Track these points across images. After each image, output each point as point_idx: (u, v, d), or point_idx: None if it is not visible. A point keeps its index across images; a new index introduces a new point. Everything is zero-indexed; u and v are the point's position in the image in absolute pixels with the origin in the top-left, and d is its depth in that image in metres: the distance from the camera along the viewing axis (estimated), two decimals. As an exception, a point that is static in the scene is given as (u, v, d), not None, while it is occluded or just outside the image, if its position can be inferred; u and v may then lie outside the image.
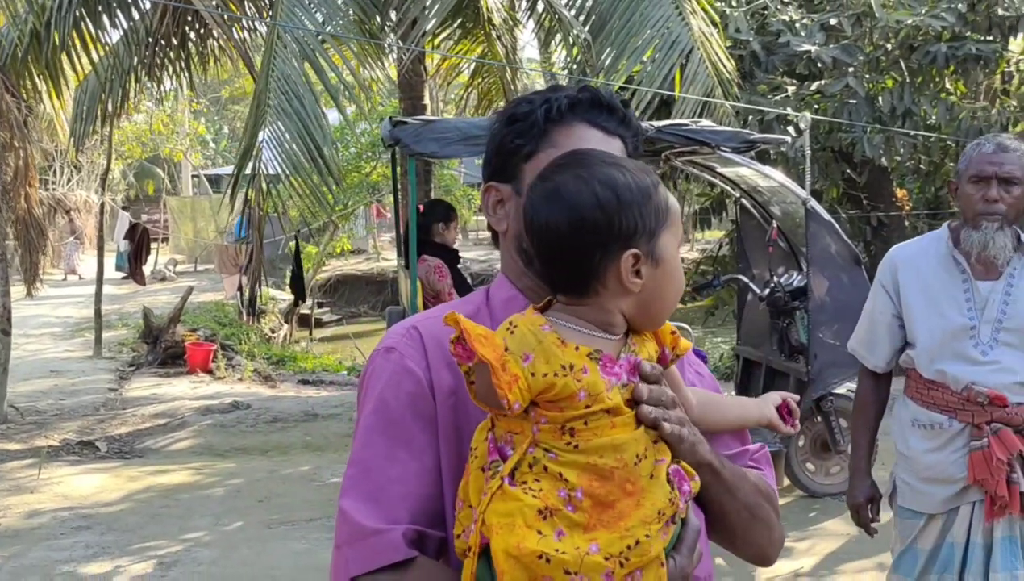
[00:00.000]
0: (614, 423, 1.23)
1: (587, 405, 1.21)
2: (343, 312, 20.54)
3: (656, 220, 1.29)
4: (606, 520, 1.20)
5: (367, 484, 1.35)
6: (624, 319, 1.30)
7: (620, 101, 1.48)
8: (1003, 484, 2.81)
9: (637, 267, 1.27)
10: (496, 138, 1.48)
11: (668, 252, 1.30)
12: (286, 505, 6.49)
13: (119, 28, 9.57)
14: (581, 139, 1.42)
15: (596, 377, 1.23)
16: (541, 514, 1.18)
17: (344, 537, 1.34)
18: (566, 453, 1.21)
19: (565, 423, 1.21)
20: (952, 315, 2.92)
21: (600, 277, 1.27)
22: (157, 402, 10.05)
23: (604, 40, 8.12)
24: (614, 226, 1.26)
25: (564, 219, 1.27)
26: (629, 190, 1.27)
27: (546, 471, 1.21)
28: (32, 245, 10.63)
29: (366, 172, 16.95)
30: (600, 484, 1.20)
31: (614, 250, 1.26)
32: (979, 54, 9.47)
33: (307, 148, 6.93)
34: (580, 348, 1.24)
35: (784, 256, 7.03)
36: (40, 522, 6.27)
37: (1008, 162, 2.87)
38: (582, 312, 1.29)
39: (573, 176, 1.29)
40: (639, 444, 1.24)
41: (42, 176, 22.09)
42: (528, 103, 1.46)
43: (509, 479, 1.21)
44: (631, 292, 1.28)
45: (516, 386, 1.19)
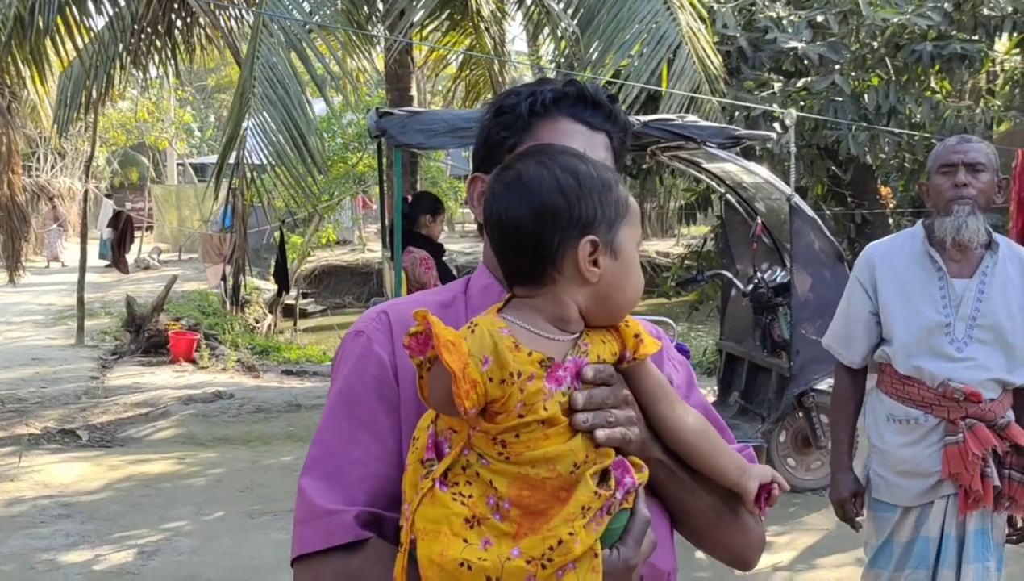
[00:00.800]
0: (548, 434, 1.20)
1: (520, 415, 1.19)
2: (328, 303, 20.49)
3: (616, 212, 1.28)
4: (537, 527, 1.18)
5: (327, 464, 1.36)
6: (580, 314, 1.28)
7: (607, 96, 1.48)
8: (977, 478, 2.86)
9: (595, 256, 1.26)
10: (484, 129, 1.48)
11: (627, 246, 1.29)
12: (268, 495, 6.48)
13: (104, 14, 9.52)
14: (565, 134, 1.42)
15: (538, 386, 1.20)
16: (468, 523, 1.17)
17: (299, 515, 1.35)
18: (497, 462, 1.19)
19: (497, 435, 1.19)
20: (928, 312, 2.97)
21: (557, 263, 1.26)
22: (139, 391, 10.01)
23: (592, 34, 8.11)
24: (574, 211, 1.25)
25: (525, 204, 1.26)
26: (590, 178, 1.27)
27: (478, 476, 1.20)
28: (14, 232, 10.57)
29: (352, 163, 16.91)
30: (531, 493, 1.18)
31: (572, 236, 1.25)
32: (964, 53, 9.51)
33: (292, 137, 6.91)
34: (533, 354, 1.22)
35: (768, 252, 7.06)
36: (20, 510, 6.24)
37: (972, 150, 2.97)
38: (538, 305, 1.28)
39: (535, 162, 1.29)
40: (577, 453, 1.21)
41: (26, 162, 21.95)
42: (515, 95, 1.46)
43: (441, 481, 1.20)
44: (588, 281, 1.26)
45: (473, 392, 1.18)
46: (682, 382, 1.55)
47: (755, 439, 6.44)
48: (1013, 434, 2.93)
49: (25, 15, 8.55)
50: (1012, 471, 2.92)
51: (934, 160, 3.05)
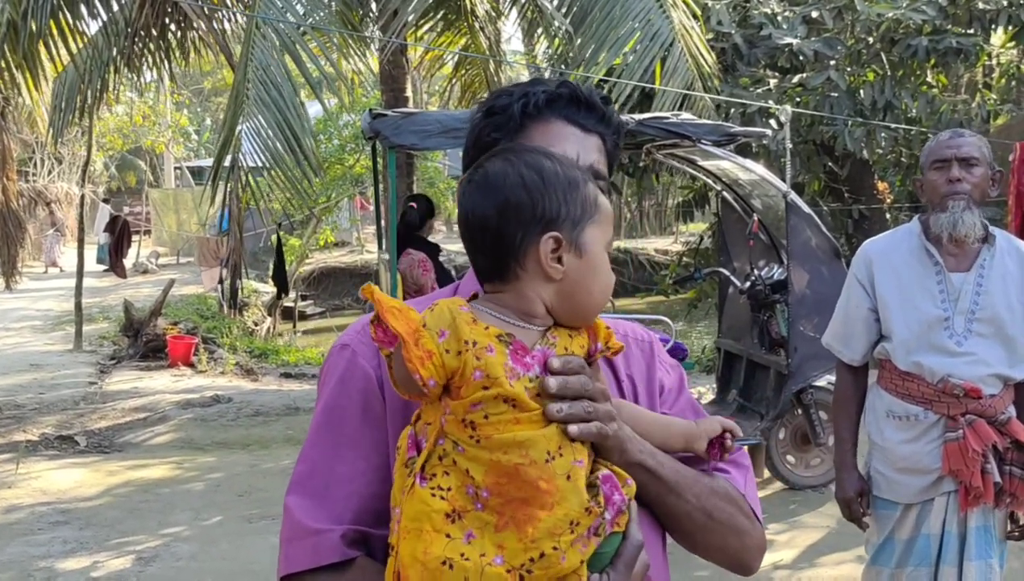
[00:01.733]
0: (518, 419, 1.18)
1: (484, 386, 1.17)
2: (326, 305, 20.50)
3: (582, 211, 1.27)
4: (519, 517, 1.16)
5: (312, 482, 1.35)
6: (547, 311, 1.27)
7: (600, 98, 1.46)
8: (977, 475, 2.85)
9: (559, 253, 1.25)
10: (475, 130, 1.46)
11: (593, 246, 1.28)
12: (266, 499, 6.46)
13: (97, 18, 9.51)
14: (558, 136, 1.40)
15: (499, 359, 1.19)
16: (449, 517, 1.16)
17: (286, 534, 1.35)
18: (471, 448, 1.18)
19: (466, 415, 1.18)
20: (926, 307, 2.96)
21: (520, 259, 1.26)
22: (138, 396, 10.00)
23: (585, 32, 8.10)
24: (537, 207, 1.25)
25: (489, 201, 1.26)
26: (555, 175, 1.27)
27: (455, 464, 1.18)
28: (10, 238, 10.56)
29: (349, 164, 16.90)
30: (508, 481, 1.17)
31: (535, 232, 1.25)
32: (960, 48, 9.50)
33: (287, 140, 6.90)
34: (490, 328, 1.21)
35: (765, 249, 7.04)
36: (18, 517, 6.23)
37: (965, 145, 2.96)
38: (504, 299, 1.27)
39: (501, 160, 1.28)
40: (550, 441, 1.19)
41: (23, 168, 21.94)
42: (507, 95, 1.45)
43: (420, 476, 1.19)
44: (552, 278, 1.26)
45: (429, 362, 1.17)
46: (673, 385, 1.54)
47: (754, 437, 6.43)
48: (1014, 430, 2.91)
49: (18, 20, 8.53)
50: (1013, 467, 2.91)
51: (927, 156, 3.04)
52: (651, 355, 1.54)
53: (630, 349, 1.53)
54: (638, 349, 1.54)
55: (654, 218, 28.07)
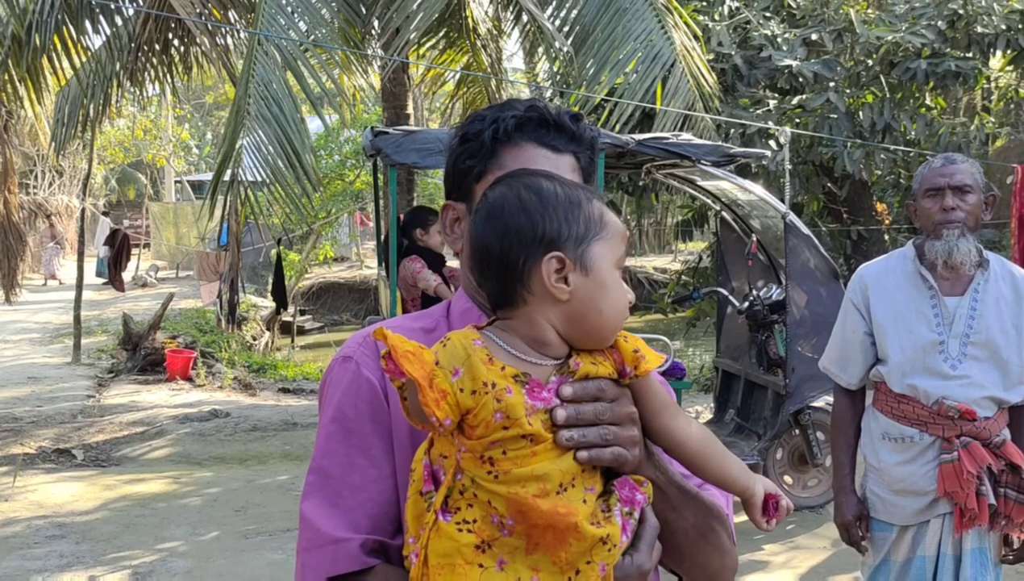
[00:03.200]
0: (535, 451, 1.18)
1: (504, 427, 1.17)
2: (325, 320, 20.50)
3: (586, 228, 1.26)
4: (547, 541, 1.17)
5: (327, 490, 1.37)
6: (559, 337, 1.26)
7: (570, 116, 1.46)
8: (972, 497, 2.86)
9: (564, 273, 1.24)
10: (451, 156, 1.48)
11: (601, 263, 1.26)
12: (263, 515, 6.46)
13: (101, 34, 9.55)
14: (529, 159, 1.41)
15: (519, 399, 1.18)
16: (479, 548, 1.17)
17: (304, 543, 1.36)
18: (488, 483, 1.18)
19: (483, 452, 1.18)
20: (921, 330, 2.97)
21: (526, 283, 1.24)
22: (135, 410, 9.99)
23: (587, 52, 8.14)
24: (537, 228, 1.24)
25: (491, 227, 1.26)
26: (555, 195, 1.26)
27: (476, 497, 1.19)
28: (10, 251, 10.57)
29: (350, 180, 16.95)
30: (530, 511, 1.17)
31: (538, 253, 1.23)
32: (958, 71, 9.56)
33: (287, 155, 6.92)
34: (507, 368, 1.20)
35: (764, 269, 7.06)
36: (14, 531, 6.21)
37: (958, 172, 2.96)
38: (515, 327, 1.26)
39: (502, 186, 1.29)
40: (565, 474, 1.19)
41: (23, 180, 21.98)
42: (480, 121, 1.46)
43: (443, 511, 1.20)
44: (559, 300, 1.24)
45: (444, 402, 1.17)
46: None
47: (752, 457, 6.43)
48: (1008, 452, 2.93)
49: (22, 34, 8.57)
50: (1008, 489, 2.92)
51: (920, 183, 3.05)
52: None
53: None
54: None
55: (653, 237, 28.12)
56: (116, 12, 9.40)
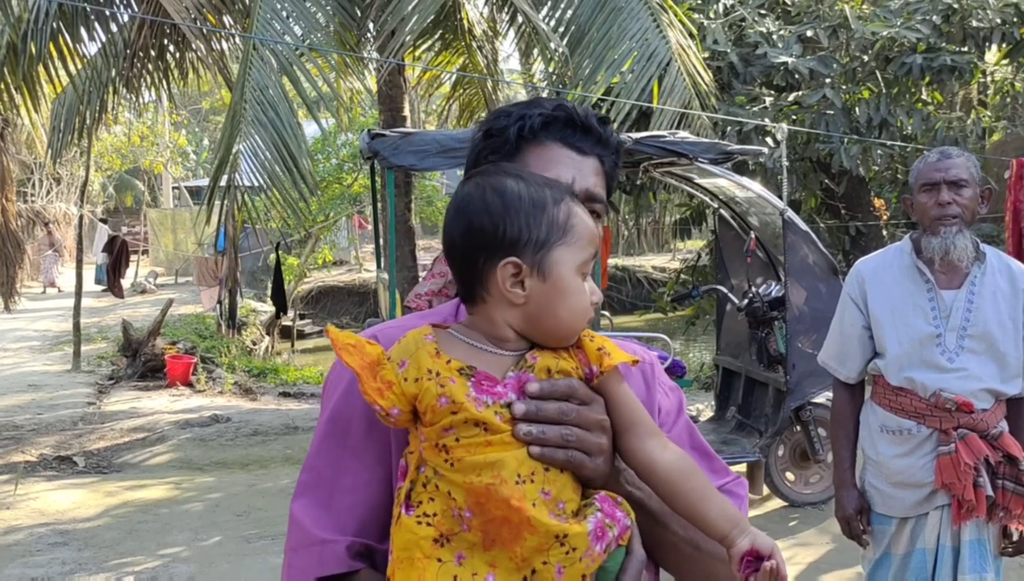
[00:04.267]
0: (489, 440, 1.19)
1: (452, 411, 1.18)
2: (325, 323, 20.43)
3: (548, 233, 1.25)
4: (504, 536, 1.17)
5: (318, 491, 1.37)
6: (517, 334, 1.26)
7: (598, 119, 1.44)
8: (970, 488, 2.87)
9: (520, 278, 1.24)
10: (474, 151, 1.46)
11: (560, 268, 1.25)
12: (265, 519, 6.45)
13: (97, 40, 9.54)
14: (552, 159, 1.40)
15: (461, 389, 1.19)
16: (438, 542, 1.18)
17: (291, 542, 1.36)
18: (447, 472, 1.19)
19: (439, 439, 1.19)
20: (918, 324, 2.98)
21: (484, 284, 1.26)
22: (136, 416, 9.98)
23: (583, 52, 8.15)
24: (497, 232, 1.24)
25: (457, 225, 1.27)
26: (518, 198, 1.25)
27: (437, 489, 1.20)
28: (9, 258, 10.56)
29: (348, 183, 16.94)
30: (486, 501, 1.17)
31: (496, 257, 1.24)
32: (954, 65, 9.56)
33: (283, 160, 6.92)
34: (452, 362, 1.22)
35: (762, 266, 7.07)
36: (16, 539, 6.21)
37: (953, 167, 2.97)
38: (475, 322, 1.28)
39: (474, 184, 1.29)
40: (521, 464, 1.19)
41: (21, 188, 21.98)
42: (506, 116, 1.44)
43: (406, 505, 1.21)
44: (514, 303, 1.25)
45: (390, 392, 1.20)
46: (672, 408, 1.53)
47: (753, 454, 6.44)
48: (1006, 444, 2.94)
49: (18, 42, 8.58)
50: (1006, 481, 2.93)
51: (916, 177, 3.05)
52: (652, 377, 1.52)
53: (629, 370, 1.49)
54: (637, 370, 1.52)
55: (652, 236, 28.12)
56: (111, 18, 9.40)
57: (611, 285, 19.03)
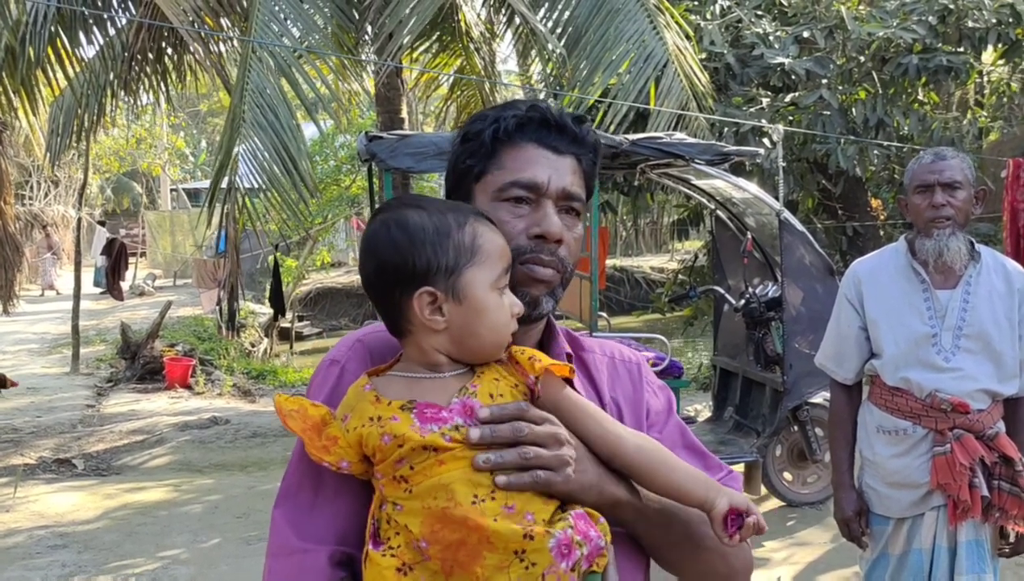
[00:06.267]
0: (442, 460, 1.21)
1: (399, 444, 1.22)
2: (324, 325, 20.49)
3: (456, 257, 1.28)
4: (462, 559, 1.18)
5: (300, 498, 1.37)
6: (448, 358, 1.30)
7: (573, 119, 1.46)
8: (965, 488, 2.88)
9: (438, 304, 1.27)
10: (452, 157, 1.48)
11: (472, 289, 1.28)
12: (265, 521, 6.40)
13: (95, 44, 9.56)
14: (529, 159, 1.41)
15: (405, 424, 1.22)
16: (400, 571, 1.21)
17: (272, 548, 1.36)
18: (406, 501, 1.22)
19: (395, 472, 1.23)
20: (914, 324, 2.99)
21: (405, 315, 1.29)
22: (135, 418, 9.99)
23: (580, 54, 8.16)
24: (407, 265, 1.27)
25: (369, 264, 1.31)
26: (422, 230, 1.28)
27: (397, 524, 1.23)
28: (7, 261, 10.55)
29: (346, 185, 16.95)
30: (442, 527, 1.19)
31: (410, 289, 1.27)
32: (950, 66, 9.58)
33: (283, 162, 6.93)
34: (392, 403, 1.25)
35: (759, 267, 7.08)
36: (15, 541, 6.22)
37: (948, 169, 2.98)
38: (408, 354, 1.32)
39: (379, 221, 1.32)
40: (477, 486, 1.21)
41: (19, 191, 21.97)
42: (481, 120, 1.45)
43: (374, 542, 1.25)
44: (436, 330, 1.28)
45: (335, 447, 1.26)
46: (661, 408, 1.54)
47: (751, 454, 6.45)
48: (1002, 445, 2.94)
49: (16, 46, 8.59)
50: (1001, 482, 2.94)
51: (910, 178, 3.07)
52: (638, 376, 1.54)
53: (616, 370, 1.53)
54: (624, 370, 1.54)
55: (649, 236, 28.15)
56: (109, 22, 9.41)
57: (609, 286, 19.04)
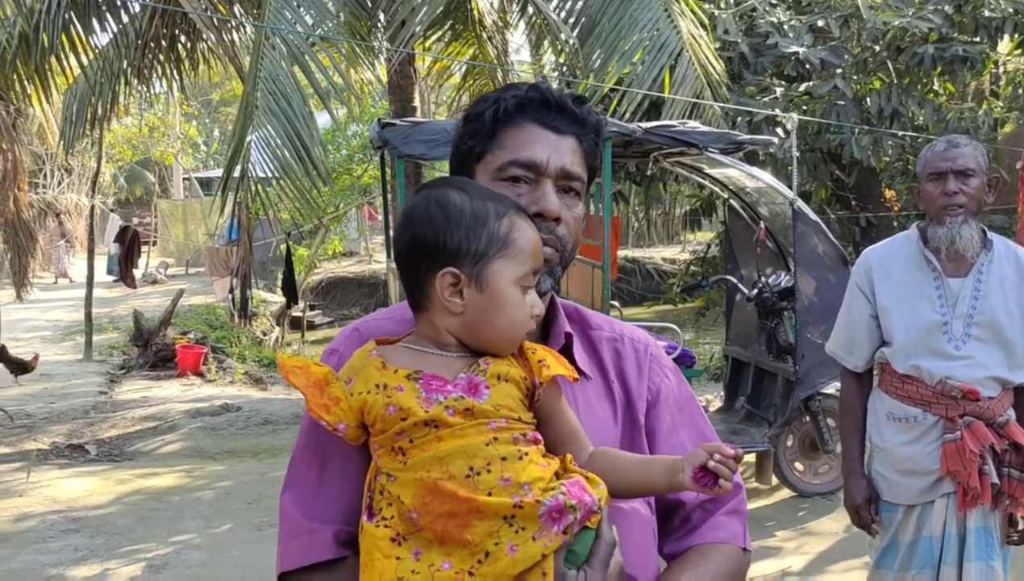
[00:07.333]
0: (440, 436, 1.23)
1: (402, 418, 1.23)
2: (335, 314, 20.54)
3: (488, 246, 1.29)
4: (451, 528, 1.20)
5: (306, 482, 1.41)
6: (458, 341, 1.31)
7: (573, 99, 1.47)
8: (975, 475, 2.87)
9: (459, 287, 1.28)
10: (455, 138, 1.50)
11: (498, 280, 1.29)
12: (276, 507, 6.39)
13: (108, 31, 9.57)
14: (529, 139, 1.42)
15: (411, 394, 1.24)
16: (395, 541, 1.22)
17: (282, 533, 1.41)
18: (400, 473, 1.24)
19: (393, 444, 1.24)
20: (925, 312, 2.99)
21: (426, 292, 1.31)
22: (147, 405, 10.04)
23: (594, 42, 8.13)
24: (438, 243, 1.29)
25: (403, 235, 1.32)
26: (459, 212, 1.29)
27: (391, 495, 1.24)
28: (21, 248, 10.61)
29: (357, 174, 16.96)
30: (432, 498, 1.21)
31: (436, 267, 1.29)
32: (966, 55, 9.50)
33: (296, 149, 6.93)
34: (399, 371, 1.27)
35: (772, 257, 7.06)
36: (29, 525, 6.26)
37: (960, 156, 2.96)
38: (420, 329, 1.34)
39: (421, 196, 1.33)
40: (472, 457, 1.22)
41: (32, 179, 22.06)
42: (483, 102, 1.47)
43: (368, 513, 1.27)
44: (453, 312, 1.29)
45: (336, 407, 1.26)
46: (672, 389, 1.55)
47: (762, 444, 6.44)
48: (1012, 432, 2.94)
49: (30, 33, 8.60)
50: (1011, 469, 2.93)
51: (923, 166, 3.06)
52: (645, 356, 1.54)
53: (624, 349, 1.54)
54: (632, 349, 1.54)
55: (661, 227, 28.09)
56: (123, 8, 9.42)
57: (621, 276, 19.02)
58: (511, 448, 1.24)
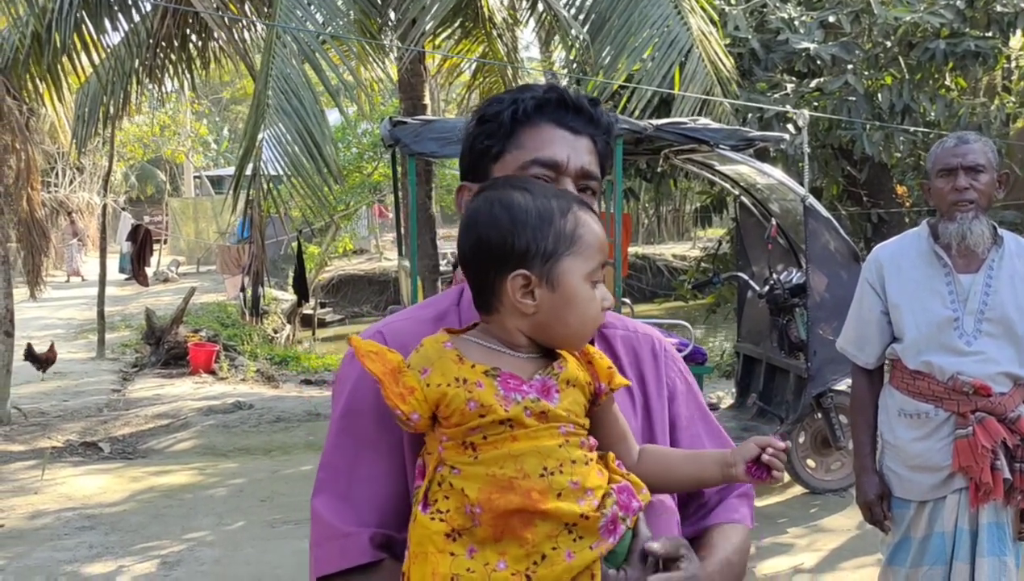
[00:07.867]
0: (515, 436, 1.24)
1: (480, 415, 1.23)
2: (346, 312, 20.58)
3: (556, 244, 1.29)
4: (514, 525, 1.21)
5: (338, 485, 1.40)
6: (530, 341, 1.32)
7: (589, 100, 1.49)
8: (987, 471, 2.88)
9: (530, 288, 1.29)
10: (468, 138, 1.50)
11: (568, 278, 1.30)
12: (289, 504, 6.51)
13: (120, 30, 9.61)
14: (547, 139, 1.44)
15: (490, 391, 1.25)
16: (450, 536, 1.23)
17: (315, 537, 1.39)
18: (468, 467, 1.24)
19: (465, 438, 1.24)
20: (936, 308, 2.99)
21: (496, 294, 1.31)
22: (160, 403, 10.08)
23: (604, 39, 8.13)
24: (506, 245, 1.28)
25: (468, 239, 1.32)
26: (525, 212, 1.29)
27: (452, 488, 1.24)
28: (34, 247, 10.63)
29: (368, 172, 16.98)
30: (500, 495, 1.22)
31: (506, 269, 1.29)
32: (978, 51, 9.46)
33: (307, 147, 6.95)
34: (477, 366, 1.27)
35: (784, 253, 7.05)
36: (44, 523, 6.30)
37: (971, 152, 2.97)
38: (491, 329, 1.33)
39: (483, 198, 1.33)
40: (546, 458, 1.24)
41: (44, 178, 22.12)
42: (498, 103, 1.48)
43: (422, 504, 1.26)
44: (525, 313, 1.30)
45: (412, 397, 1.25)
46: (683, 387, 1.59)
47: (774, 440, 6.42)
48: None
49: (42, 33, 8.65)
50: (1023, 464, 2.93)
51: (933, 162, 3.06)
52: (660, 351, 1.58)
53: (639, 345, 1.56)
54: (647, 344, 1.57)
55: (672, 224, 28.05)
56: (134, 8, 9.45)
57: (631, 273, 18.99)
58: (579, 452, 1.27)
